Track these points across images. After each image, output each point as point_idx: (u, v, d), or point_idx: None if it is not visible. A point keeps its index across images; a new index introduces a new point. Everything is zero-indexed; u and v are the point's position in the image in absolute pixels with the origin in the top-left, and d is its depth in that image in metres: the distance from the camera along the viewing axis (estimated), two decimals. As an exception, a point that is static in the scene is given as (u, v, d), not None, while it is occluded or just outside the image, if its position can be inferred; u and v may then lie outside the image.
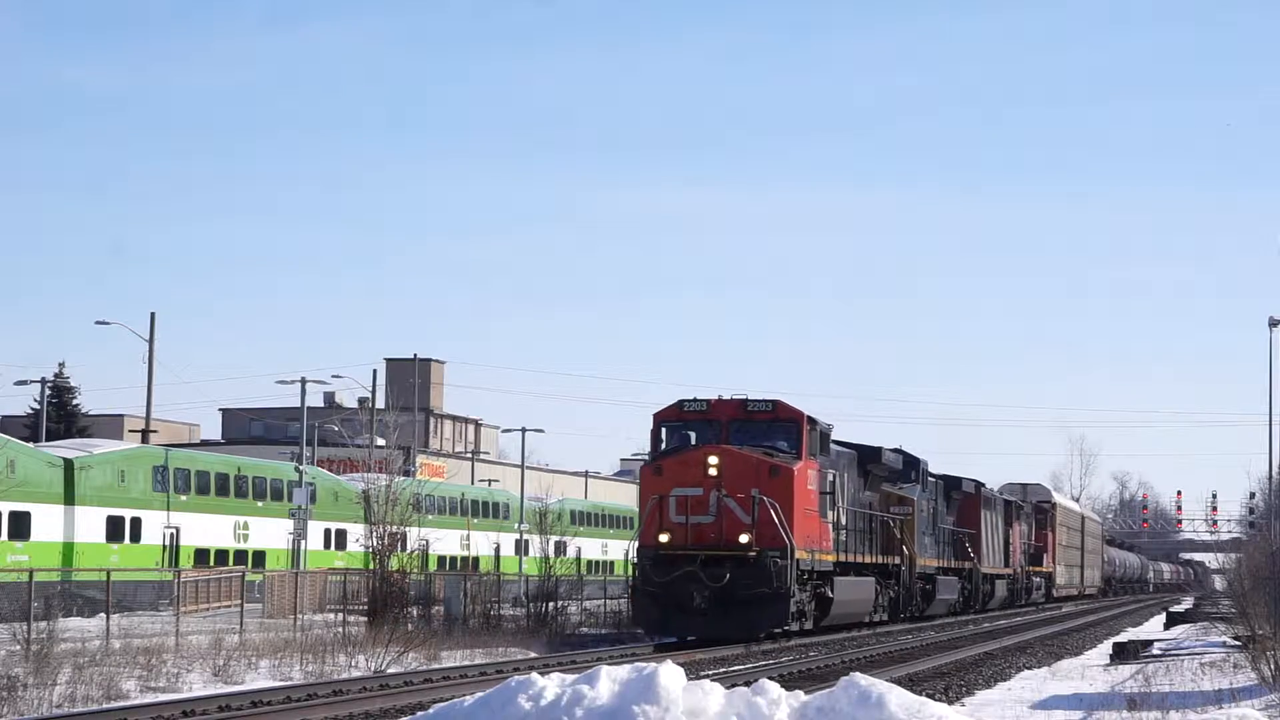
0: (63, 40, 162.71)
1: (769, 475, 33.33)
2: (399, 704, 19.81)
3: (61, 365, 78.81)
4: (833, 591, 36.55)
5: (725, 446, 33.60)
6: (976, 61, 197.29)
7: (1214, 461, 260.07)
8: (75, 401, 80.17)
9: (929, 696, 15.34)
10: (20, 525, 46.58)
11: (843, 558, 37.83)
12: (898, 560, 44.44)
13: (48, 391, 74.98)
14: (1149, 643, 36.75)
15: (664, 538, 32.96)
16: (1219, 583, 74.89)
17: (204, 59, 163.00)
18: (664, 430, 35.18)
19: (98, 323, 70.49)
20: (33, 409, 75.43)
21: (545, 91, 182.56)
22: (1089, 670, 29.32)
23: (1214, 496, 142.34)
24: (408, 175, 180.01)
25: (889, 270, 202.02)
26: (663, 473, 33.70)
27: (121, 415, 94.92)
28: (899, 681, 18.84)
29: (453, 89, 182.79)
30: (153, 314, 63.33)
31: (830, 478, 37.00)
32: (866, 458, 42.12)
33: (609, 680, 13.14)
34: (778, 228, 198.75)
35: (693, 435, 34.86)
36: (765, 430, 34.51)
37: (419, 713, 14.53)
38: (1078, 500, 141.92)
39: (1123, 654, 33.14)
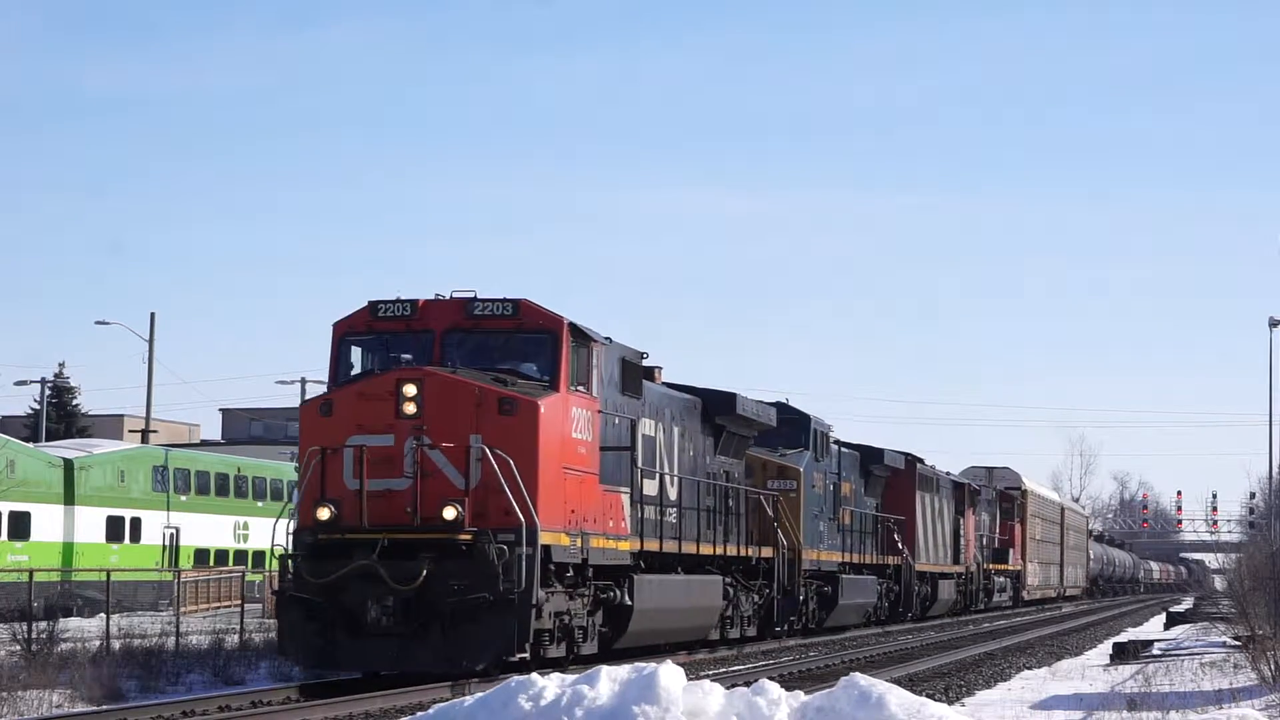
0: (63, 41, 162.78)
1: (498, 413, 21.83)
2: (399, 704, 19.82)
3: (61, 365, 78.81)
4: (632, 598, 25.36)
5: (430, 369, 22.24)
6: (976, 63, 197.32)
7: (1214, 461, 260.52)
8: (75, 401, 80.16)
9: (929, 696, 15.36)
10: (20, 525, 46.64)
11: (659, 546, 26.97)
12: (770, 552, 33.40)
13: (48, 391, 75.05)
14: (1149, 643, 36.75)
15: (324, 514, 21.62)
16: (1218, 582, 74.62)
17: (204, 60, 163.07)
18: (351, 350, 23.81)
19: (98, 323, 70.71)
20: (33, 409, 75.46)
21: (545, 91, 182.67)
22: (1089, 670, 29.32)
23: (1214, 496, 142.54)
24: (407, 175, 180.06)
25: (888, 270, 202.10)
26: (333, 412, 22.28)
27: (121, 415, 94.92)
28: (899, 681, 18.86)
29: (452, 89, 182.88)
30: (153, 314, 63.46)
31: (646, 429, 26.65)
32: (715, 407, 30.64)
33: (609, 680, 13.20)
34: (778, 228, 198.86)
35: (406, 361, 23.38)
36: (504, 346, 23.26)
37: (419, 713, 14.55)
38: (1077, 500, 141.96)
39: (1123, 654, 33.14)
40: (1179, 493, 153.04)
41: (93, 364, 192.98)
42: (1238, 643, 31.15)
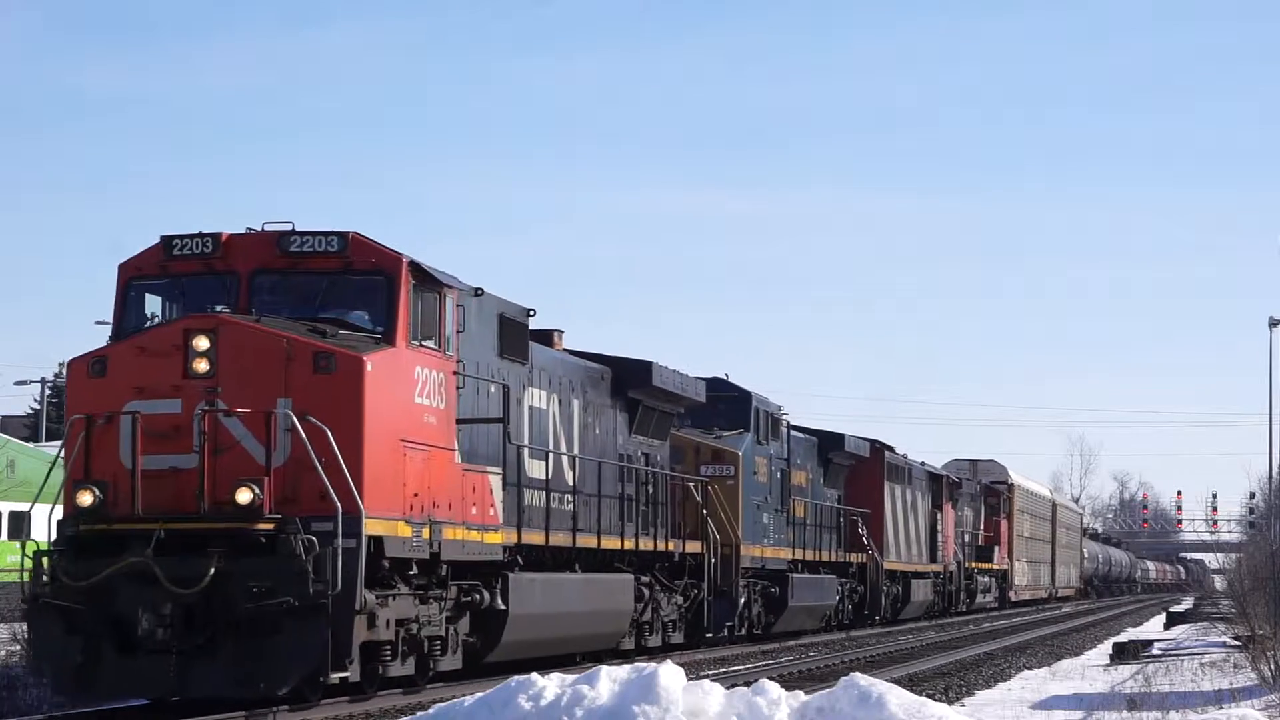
0: (63, 41, 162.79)
1: (313, 371, 17.59)
2: (399, 704, 19.80)
3: (61, 365, 78.89)
4: (507, 601, 21.16)
5: (227, 316, 18.07)
6: (976, 64, 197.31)
7: (1214, 461, 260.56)
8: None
9: (929, 696, 15.36)
10: (20, 525, 46.70)
11: (545, 539, 22.68)
12: (699, 547, 29.38)
13: (48, 391, 75.10)
14: (1149, 643, 36.76)
15: (87, 499, 17.40)
16: (1218, 582, 74.60)
17: (204, 60, 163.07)
18: (145, 298, 19.46)
19: (98, 323, 70.37)
20: (33, 409, 75.53)
21: (545, 91, 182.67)
22: (1089, 670, 29.34)
23: (1214, 496, 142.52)
24: (408, 175, 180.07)
25: (888, 271, 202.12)
26: (107, 371, 18.03)
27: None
28: (899, 681, 18.85)
29: (452, 89, 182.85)
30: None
31: (534, 399, 22.80)
32: (627, 378, 26.61)
33: (609, 680, 13.19)
34: (778, 228, 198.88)
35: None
36: (328, 291, 18.87)
37: (419, 713, 14.55)
38: (1077, 500, 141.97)
39: (1123, 654, 33.15)
40: (1179, 493, 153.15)
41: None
42: (1238, 643, 31.17)
